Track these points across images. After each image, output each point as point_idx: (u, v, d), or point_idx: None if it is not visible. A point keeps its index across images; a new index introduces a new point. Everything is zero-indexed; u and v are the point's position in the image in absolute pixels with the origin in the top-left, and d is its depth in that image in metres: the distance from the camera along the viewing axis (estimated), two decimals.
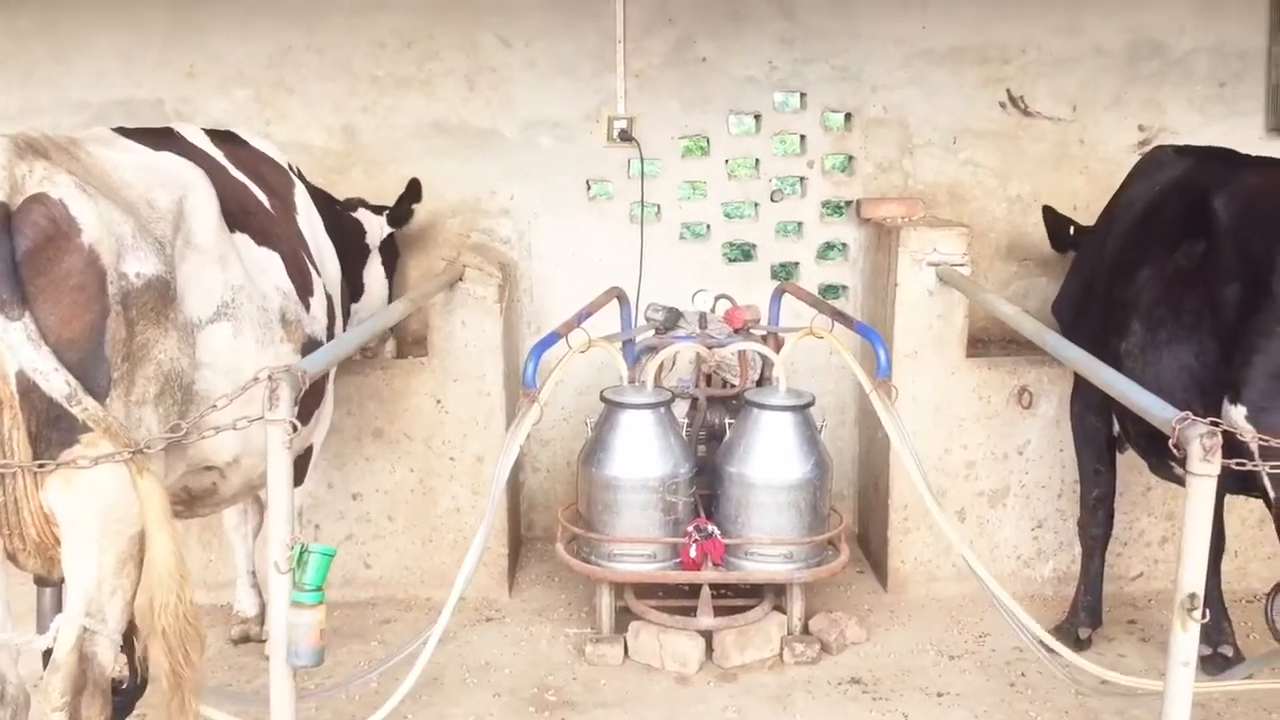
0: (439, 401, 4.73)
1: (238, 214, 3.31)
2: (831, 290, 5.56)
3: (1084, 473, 4.37)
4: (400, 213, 5.03)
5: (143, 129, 3.36)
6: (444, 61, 5.37)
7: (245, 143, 3.85)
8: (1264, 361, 2.96)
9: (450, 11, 5.34)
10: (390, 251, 5.04)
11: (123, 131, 3.21)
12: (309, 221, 3.91)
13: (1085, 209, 5.11)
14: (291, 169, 4.08)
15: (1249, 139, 5.31)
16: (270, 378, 2.82)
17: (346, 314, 4.25)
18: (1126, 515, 4.71)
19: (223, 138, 3.71)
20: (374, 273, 4.93)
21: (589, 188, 5.50)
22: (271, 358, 3.17)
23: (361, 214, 4.93)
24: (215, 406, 2.87)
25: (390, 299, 4.93)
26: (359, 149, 5.40)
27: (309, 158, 5.08)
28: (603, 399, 4.28)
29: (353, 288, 4.50)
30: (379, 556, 4.80)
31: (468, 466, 4.74)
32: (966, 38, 5.40)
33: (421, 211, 5.19)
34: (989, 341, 5.30)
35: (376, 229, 4.96)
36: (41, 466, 2.60)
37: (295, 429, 2.84)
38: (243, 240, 3.27)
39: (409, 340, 5.21)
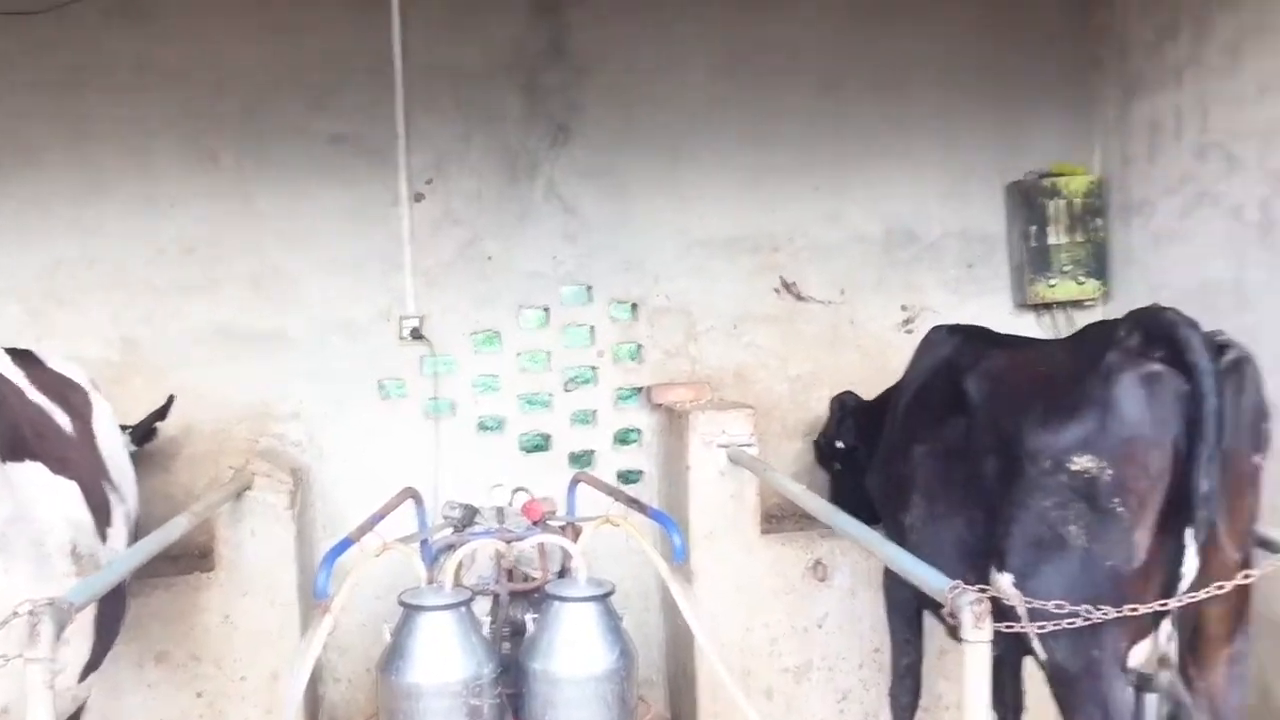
0: (228, 617, 4.52)
1: (32, 439, 3.16)
2: (630, 475, 5.65)
3: (894, 641, 4.43)
4: (142, 429, 4.78)
5: None
6: (228, 266, 5.34)
7: (42, 362, 3.70)
8: (1021, 531, 3.15)
9: (233, 217, 5.34)
10: None
11: None
12: (110, 443, 3.75)
13: (861, 383, 5.37)
14: (94, 386, 3.94)
15: (1000, 315, 5.79)
16: (31, 612, 2.64)
17: None
18: (925, 680, 4.83)
19: (21, 357, 3.56)
20: None
21: (382, 387, 5.48)
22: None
23: None
24: None
25: None
26: (139, 359, 5.25)
27: (85, 371, 4.90)
28: (400, 602, 4.17)
29: None
30: None
31: (261, 685, 4.51)
32: (739, 229, 5.73)
33: (207, 419, 5.07)
34: (783, 517, 5.45)
35: None
36: None
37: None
38: (35, 469, 3.10)
39: (195, 554, 4.98)
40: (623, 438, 5.69)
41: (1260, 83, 4.63)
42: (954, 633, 4.06)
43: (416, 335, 5.42)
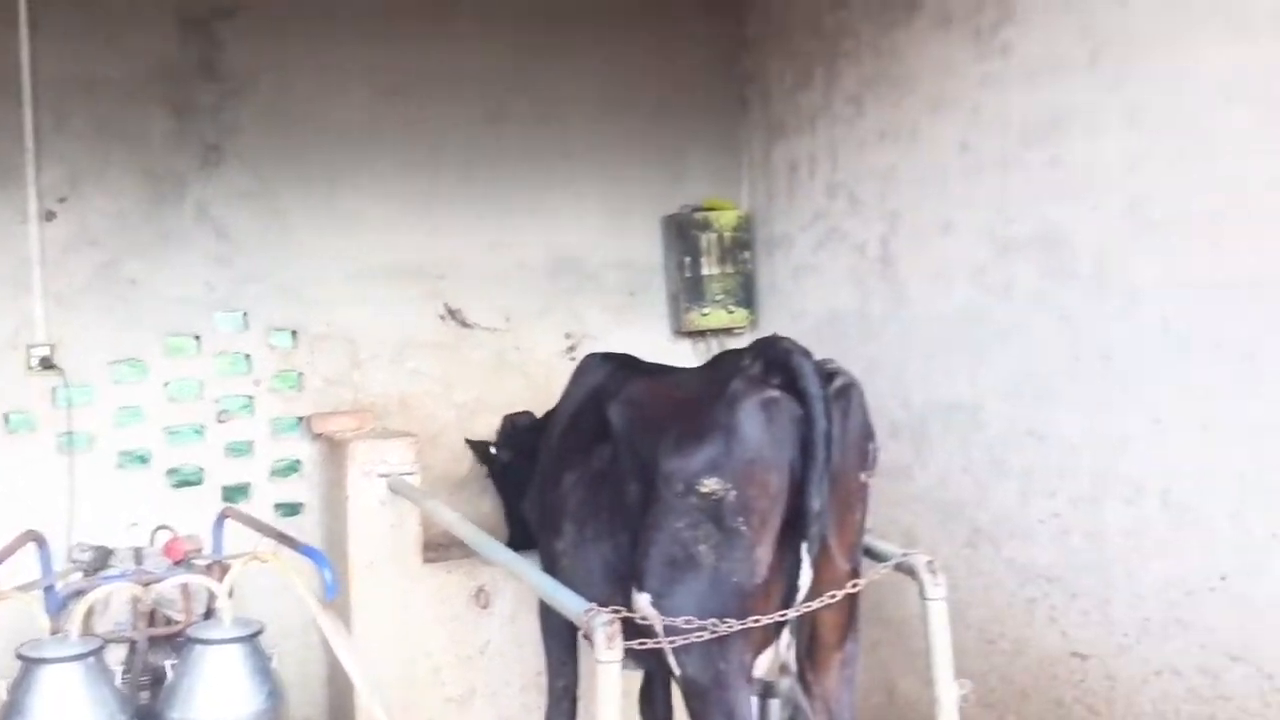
0: None
1: None
2: (290, 508, 5.46)
3: (550, 663, 4.49)
4: None
5: None
6: None
7: None
8: (658, 552, 3.26)
9: None
10: None
11: None
12: None
13: (526, 409, 5.45)
14: None
15: (659, 341, 6.03)
16: None
17: None
18: (581, 700, 4.94)
19: None
20: None
21: (7, 420, 5.03)
22: None
23: None
24: None
25: None
26: None
27: None
28: (18, 656, 3.84)
29: None
30: None
31: None
32: (403, 255, 5.67)
33: None
34: (449, 544, 5.38)
35: None
36: None
37: None
38: None
39: None
40: (282, 469, 5.49)
41: (880, 130, 5.08)
42: None
43: (47, 364, 5.02)
